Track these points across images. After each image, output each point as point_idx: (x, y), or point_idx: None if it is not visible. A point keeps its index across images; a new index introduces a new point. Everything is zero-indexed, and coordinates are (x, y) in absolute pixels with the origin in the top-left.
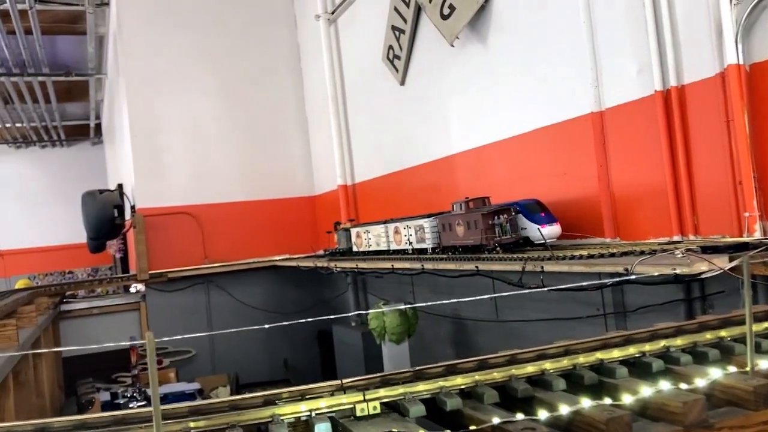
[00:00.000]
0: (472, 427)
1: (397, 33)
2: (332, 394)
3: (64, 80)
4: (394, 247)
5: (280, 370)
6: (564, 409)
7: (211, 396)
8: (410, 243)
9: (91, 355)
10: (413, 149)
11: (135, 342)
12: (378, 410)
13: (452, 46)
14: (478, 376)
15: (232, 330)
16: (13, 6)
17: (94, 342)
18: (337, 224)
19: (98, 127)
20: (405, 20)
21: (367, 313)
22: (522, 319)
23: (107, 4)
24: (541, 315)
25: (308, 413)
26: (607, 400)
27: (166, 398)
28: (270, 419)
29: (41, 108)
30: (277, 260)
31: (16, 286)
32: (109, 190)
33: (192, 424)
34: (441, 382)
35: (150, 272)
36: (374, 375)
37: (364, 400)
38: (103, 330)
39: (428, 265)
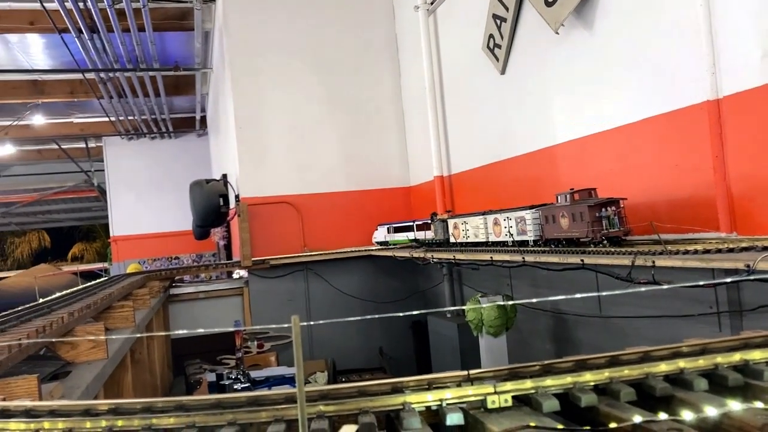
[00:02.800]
0: (612, 425)
1: (498, 21)
2: (459, 385)
3: (173, 75)
4: (493, 238)
5: (375, 359)
6: (710, 411)
7: (309, 381)
8: (510, 235)
9: (197, 337)
10: (512, 140)
11: (240, 327)
12: (509, 403)
13: (557, 33)
14: (608, 373)
15: (339, 320)
16: (128, 5)
17: (200, 325)
18: (433, 215)
19: (203, 119)
20: (507, 8)
21: (482, 307)
22: (626, 315)
23: (213, 0)
24: (647, 311)
25: (438, 402)
26: (758, 404)
27: (267, 381)
28: (401, 407)
29: (151, 101)
30: (373, 250)
31: (128, 270)
32: (214, 180)
33: (323, 408)
34: (570, 378)
35: (252, 259)
36: (502, 368)
37: (495, 393)
38: (209, 313)
39: (530, 258)
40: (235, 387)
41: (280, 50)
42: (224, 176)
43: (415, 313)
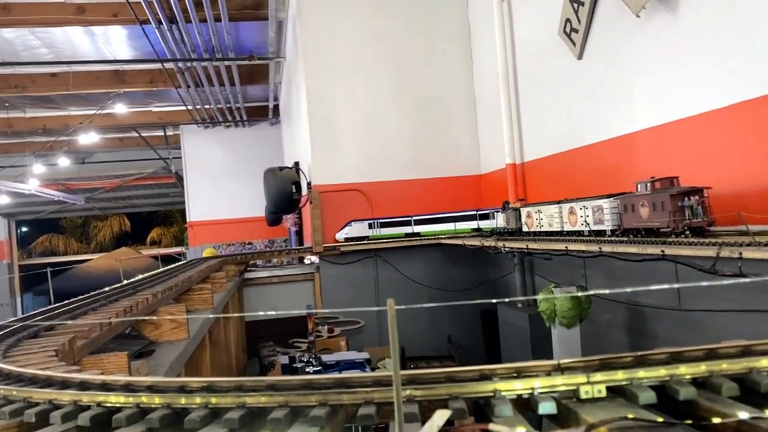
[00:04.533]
0: (716, 420)
1: (575, 5)
2: (549, 374)
3: (247, 64)
4: (568, 228)
5: (444, 347)
6: None
7: (378, 366)
8: (587, 224)
9: (270, 320)
10: (589, 127)
11: (312, 310)
12: (603, 394)
13: (638, 17)
14: (706, 366)
15: (419, 305)
16: None
17: (274, 308)
18: (505, 203)
19: (276, 108)
20: None
21: (555, 297)
22: (709, 309)
23: None
24: (732, 306)
25: (530, 391)
26: None
27: (338, 365)
28: (491, 394)
29: (226, 91)
30: (442, 238)
31: (204, 254)
32: (287, 167)
33: (412, 392)
34: (664, 370)
35: (324, 245)
36: (592, 358)
37: (588, 383)
38: (281, 298)
39: (606, 248)
40: (307, 370)
41: (352, 38)
42: (296, 164)
43: (485, 302)
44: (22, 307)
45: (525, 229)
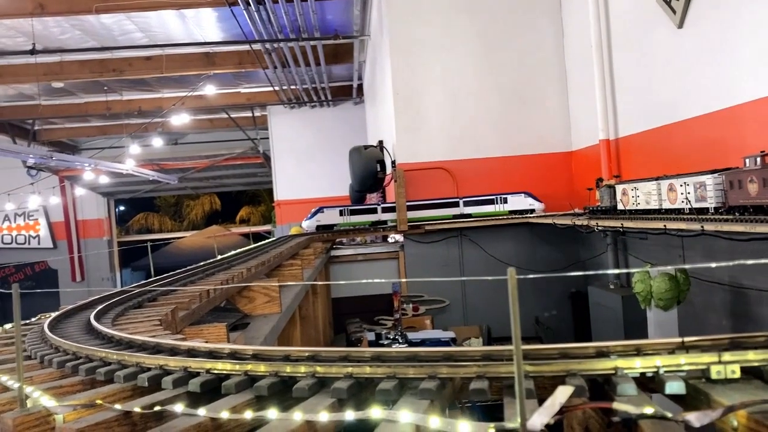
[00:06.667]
0: None
1: None
2: (672, 353)
3: (332, 43)
4: (666, 206)
5: (531, 328)
6: None
7: (463, 345)
8: (688, 201)
9: (355, 297)
10: (689, 100)
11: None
12: (737, 375)
13: None
14: None
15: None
16: None
17: (358, 286)
18: (599, 181)
19: (360, 87)
20: None
21: (630, 273)
22: None
23: None
24: None
25: (654, 369)
26: None
27: (423, 343)
28: (613, 371)
29: (312, 70)
30: (531, 217)
31: (291, 232)
32: (372, 146)
33: (528, 368)
34: None
35: (408, 223)
36: (720, 336)
37: (720, 362)
38: (366, 275)
39: (709, 227)
40: (394, 347)
41: (438, 15)
42: (380, 142)
43: (575, 274)
44: (121, 281)
45: (620, 207)
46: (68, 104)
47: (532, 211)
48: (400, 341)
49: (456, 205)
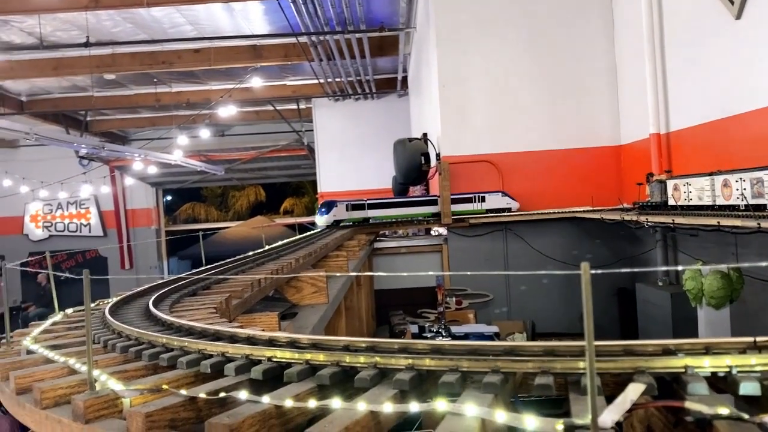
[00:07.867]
0: None
1: None
2: (743, 352)
3: (377, 36)
4: (720, 202)
5: (575, 324)
6: None
7: (507, 340)
8: (743, 198)
9: (398, 290)
10: (747, 92)
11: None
12: None
13: None
14: None
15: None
16: None
17: (401, 278)
18: (650, 176)
19: (404, 80)
20: None
21: (680, 270)
22: None
23: None
24: None
25: (727, 369)
26: None
27: (466, 337)
28: (683, 370)
29: (357, 63)
30: (578, 211)
31: None
32: (416, 139)
33: (598, 365)
34: None
35: (453, 216)
36: None
37: None
38: (409, 268)
39: (766, 224)
40: (437, 340)
41: (485, 7)
42: (425, 135)
43: (618, 271)
44: (168, 270)
45: (671, 202)
46: (119, 96)
47: (509, 209)
48: (444, 334)
49: (434, 203)
